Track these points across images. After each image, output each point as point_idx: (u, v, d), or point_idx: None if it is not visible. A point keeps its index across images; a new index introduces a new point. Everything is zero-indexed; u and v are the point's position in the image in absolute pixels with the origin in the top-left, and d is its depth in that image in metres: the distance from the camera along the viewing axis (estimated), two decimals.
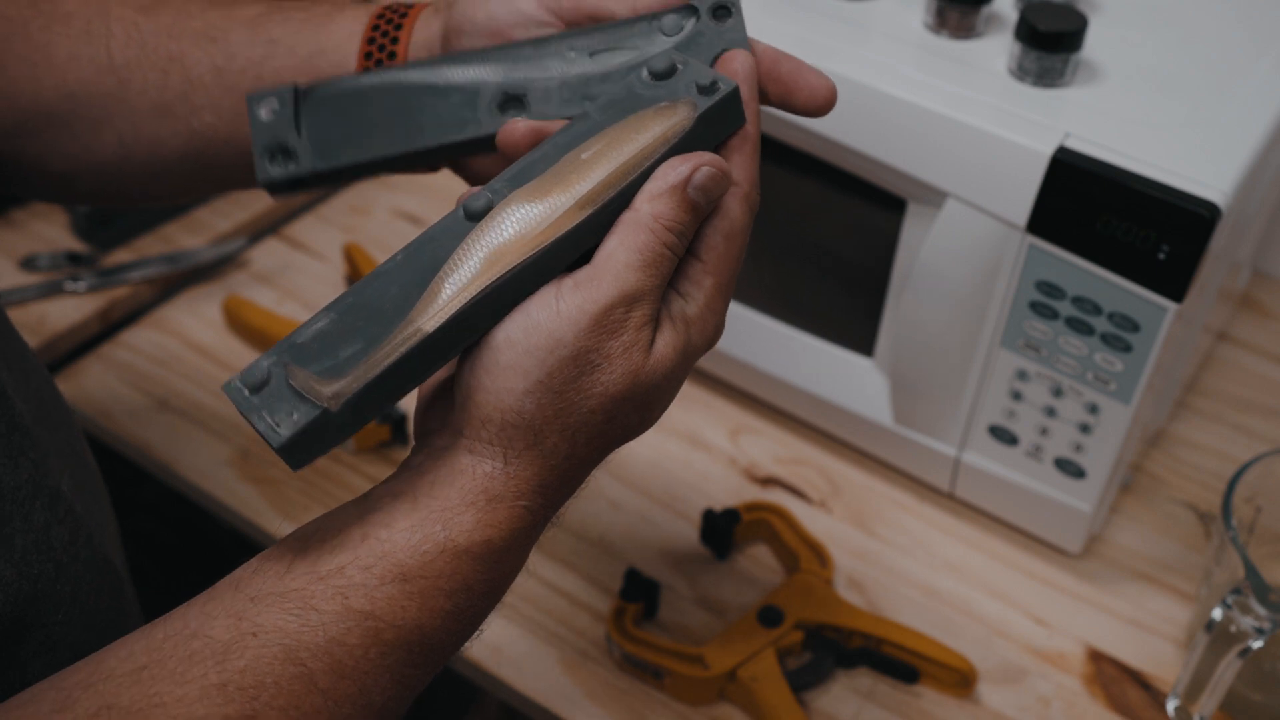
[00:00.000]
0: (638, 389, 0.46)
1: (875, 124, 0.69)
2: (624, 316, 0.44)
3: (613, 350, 0.45)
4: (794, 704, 0.67)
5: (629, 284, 0.44)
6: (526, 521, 0.46)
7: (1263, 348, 0.93)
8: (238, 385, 0.43)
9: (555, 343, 0.44)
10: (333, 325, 0.44)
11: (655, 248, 0.45)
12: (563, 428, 0.45)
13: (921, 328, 0.73)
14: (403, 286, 0.44)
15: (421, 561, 0.44)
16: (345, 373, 0.42)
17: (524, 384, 0.44)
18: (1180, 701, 0.68)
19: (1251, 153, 0.65)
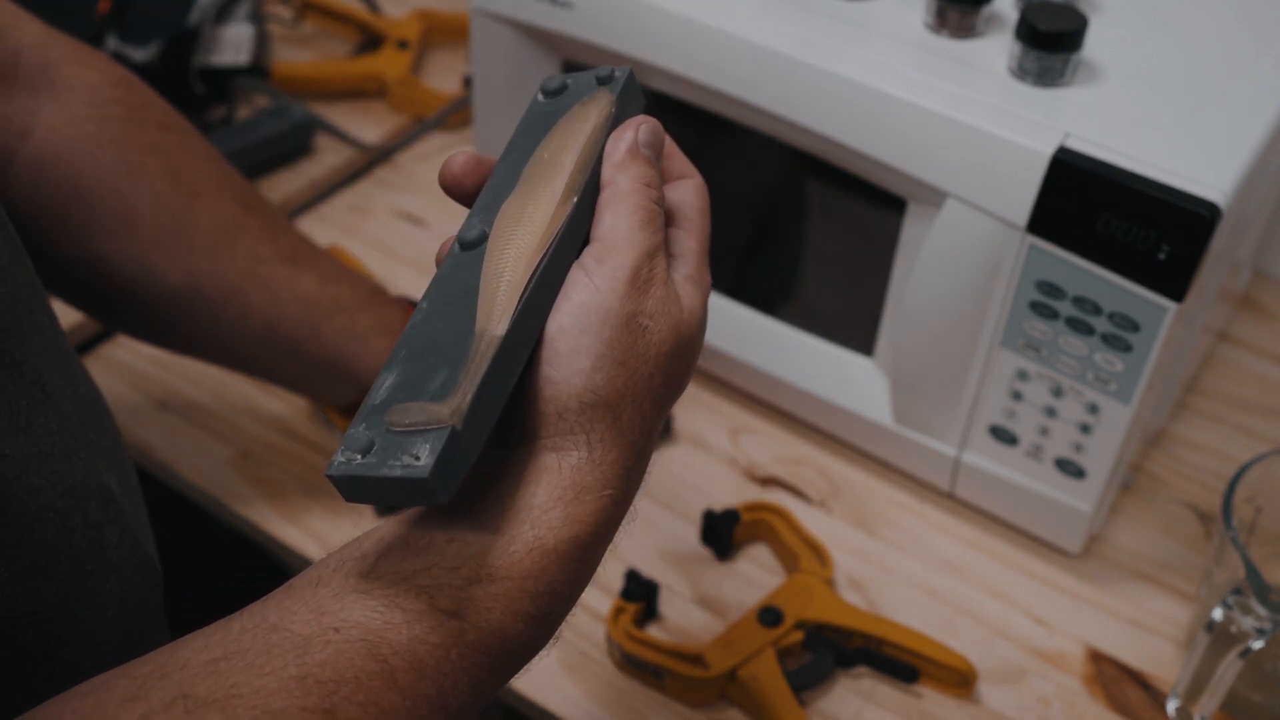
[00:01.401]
0: (680, 341, 0.47)
1: (875, 124, 0.69)
2: (650, 272, 0.47)
3: (654, 308, 0.46)
4: (794, 704, 0.67)
5: (642, 241, 0.47)
6: (611, 513, 0.46)
7: (1263, 348, 0.93)
8: (345, 459, 0.42)
9: (606, 313, 0.45)
10: (403, 376, 0.44)
11: (646, 205, 0.47)
12: (634, 397, 0.46)
13: (921, 328, 0.73)
14: (448, 320, 0.45)
15: (509, 562, 0.44)
16: (447, 396, 0.42)
17: (590, 361, 0.45)
18: (1180, 702, 0.68)
19: (1252, 152, 0.65)
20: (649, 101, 0.78)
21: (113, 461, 0.57)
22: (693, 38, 0.72)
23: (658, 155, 0.50)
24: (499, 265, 0.46)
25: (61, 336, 0.57)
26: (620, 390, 0.46)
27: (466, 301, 0.45)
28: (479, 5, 0.82)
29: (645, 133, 0.50)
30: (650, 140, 0.50)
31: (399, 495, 0.41)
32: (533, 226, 0.47)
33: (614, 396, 0.46)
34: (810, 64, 0.69)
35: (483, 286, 0.45)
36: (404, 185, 1.04)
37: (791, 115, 0.71)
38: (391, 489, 0.41)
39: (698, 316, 0.49)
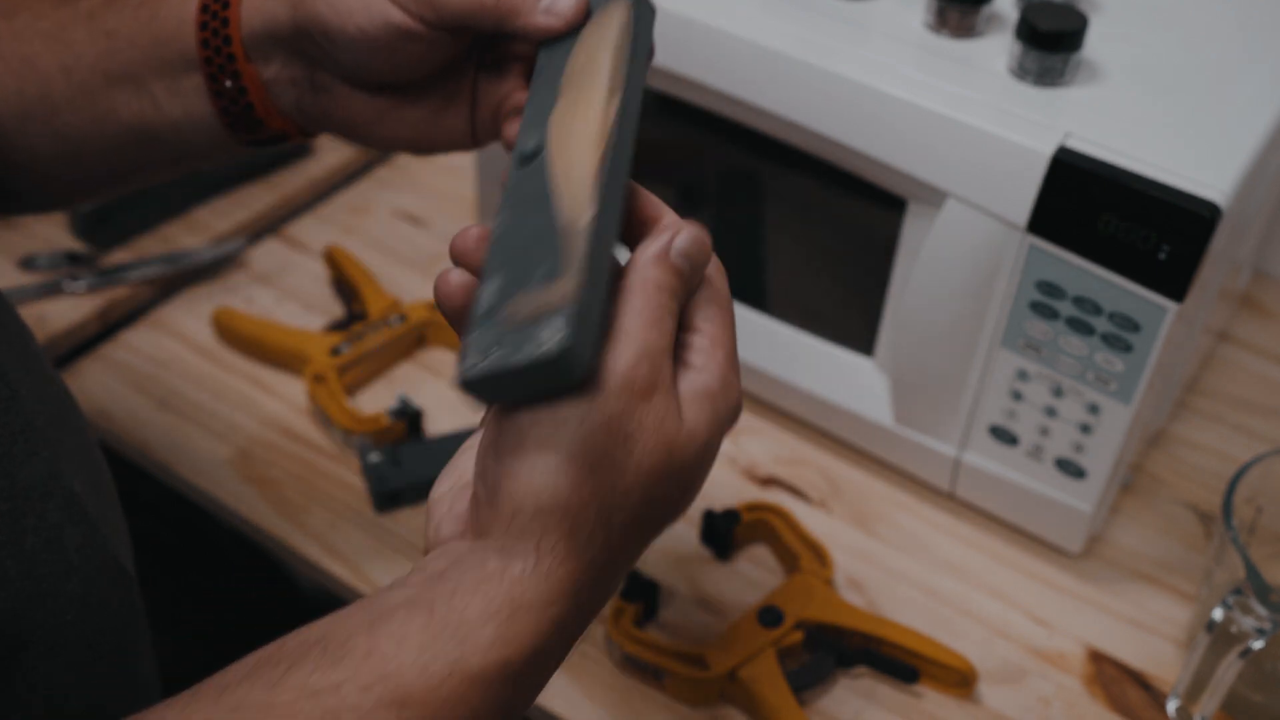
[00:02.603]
0: (674, 463, 0.42)
1: (875, 124, 0.69)
2: (650, 376, 0.42)
3: (645, 417, 0.42)
4: (794, 704, 0.67)
5: (644, 341, 0.42)
6: (551, 637, 0.42)
7: (1263, 348, 0.93)
8: (473, 362, 0.40)
9: (585, 409, 0.41)
10: (503, 281, 0.42)
11: (655, 305, 0.43)
12: (600, 510, 0.41)
13: (922, 328, 0.73)
14: (530, 225, 0.44)
15: (426, 686, 0.40)
16: (556, 280, 0.41)
17: (555, 458, 0.41)
18: (1181, 702, 0.68)
19: (1252, 152, 0.65)
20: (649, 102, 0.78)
21: (80, 463, 0.56)
22: (693, 38, 0.72)
23: (690, 266, 0.45)
24: (567, 162, 0.45)
25: (28, 335, 0.57)
26: (585, 499, 0.41)
27: (542, 205, 0.44)
28: None
29: (684, 241, 0.45)
30: (687, 250, 0.45)
31: (535, 384, 0.40)
32: (589, 122, 0.46)
33: (577, 505, 0.41)
34: (810, 64, 0.69)
35: (556, 186, 0.44)
36: (404, 185, 1.04)
37: (791, 115, 0.71)
38: (527, 379, 0.40)
39: (699, 438, 0.43)
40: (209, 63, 0.58)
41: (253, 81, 0.58)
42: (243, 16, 0.58)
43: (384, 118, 0.59)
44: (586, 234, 0.42)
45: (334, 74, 0.58)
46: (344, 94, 0.58)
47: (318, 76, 0.58)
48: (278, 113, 0.60)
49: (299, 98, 0.59)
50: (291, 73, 0.58)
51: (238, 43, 0.57)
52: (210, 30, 0.58)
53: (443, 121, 0.60)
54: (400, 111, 0.59)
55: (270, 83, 0.58)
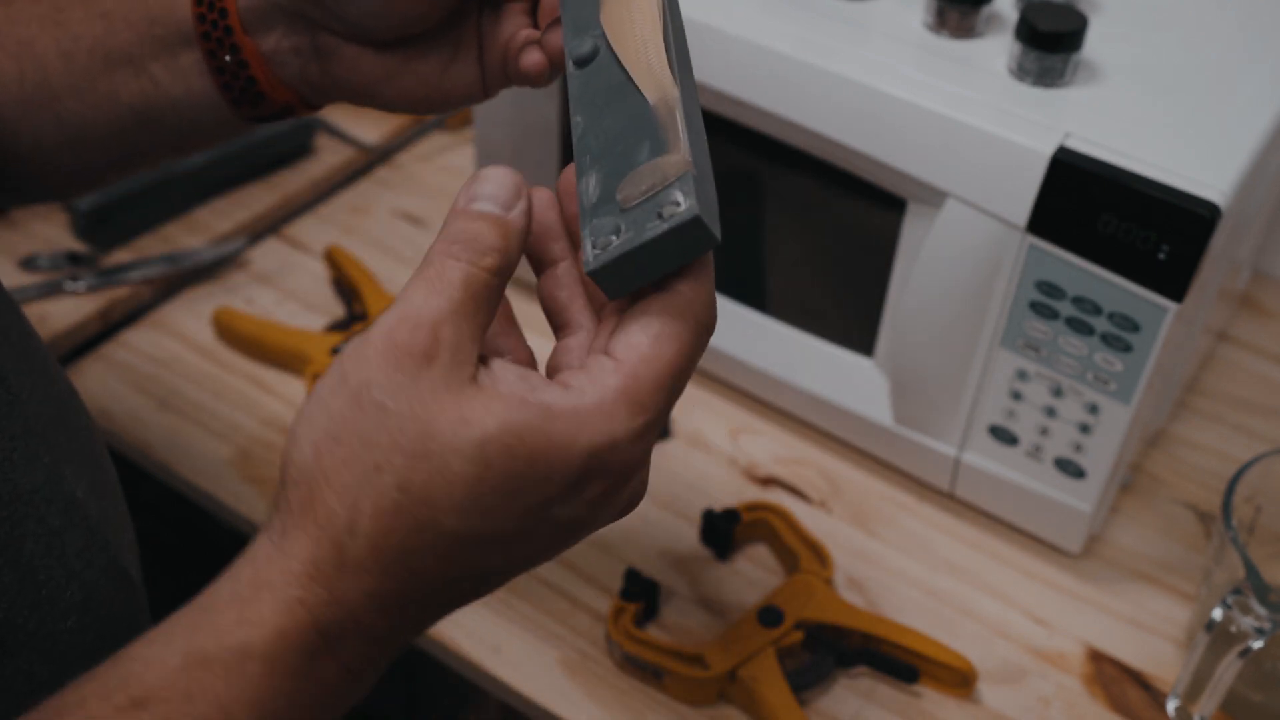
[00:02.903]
0: (433, 449, 0.37)
1: (875, 124, 0.69)
2: (416, 343, 0.38)
3: (405, 391, 0.37)
4: (794, 704, 0.67)
5: (411, 304, 0.39)
6: (302, 622, 0.37)
7: (1263, 348, 0.93)
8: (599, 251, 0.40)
9: (340, 377, 0.38)
10: (603, 171, 0.42)
11: (441, 264, 0.40)
12: (341, 487, 0.37)
13: (921, 328, 0.73)
14: (613, 116, 0.43)
15: (162, 679, 0.36)
16: (663, 154, 0.40)
17: (307, 424, 0.38)
18: (1180, 702, 0.68)
19: (1252, 152, 0.65)
20: None
21: (83, 465, 0.55)
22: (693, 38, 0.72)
23: (500, 206, 0.41)
24: (635, 48, 0.44)
25: (32, 336, 0.56)
26: (326, 470, 0.37)
27: (620, 94, 0.43)
28: None
29: (482, 183, 0.41)
30: (484, 192, 0.41)
31: (671, 255, 0.39)
32: (644, 9, 0.45)
33: (318, 475, 0.38)
34: (810, 64, 0.69)
35: (631, 70, 0.44)
36: (404, 185, 1.04)
37: (791, 115, 0.71)
38: (662, 252, 0.39)
39: (475, 433, 0.37)
40: (206, 38, 0.56)
41: (253, 54, 0.56)
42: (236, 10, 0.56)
43: (393, 76, 0.57)
44: (679, 105, 0.42)
45: (339, 35, 0.55)
46: (350, 56, 0.56)
47: (321, 41, 0.56)
48: (282, 84, 0.58)
49: (303, 67, 0.57)
50: (294, 41, 0.56)
51: (234, 14, 0.55)
52: (205, 4, 0.55)
53: (452, 74, 0.57)
54: (409, 67, 0.57)
55: (272, 54, 0.56)
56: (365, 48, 0.56)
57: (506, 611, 0.73)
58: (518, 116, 0.84)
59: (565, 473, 0.39)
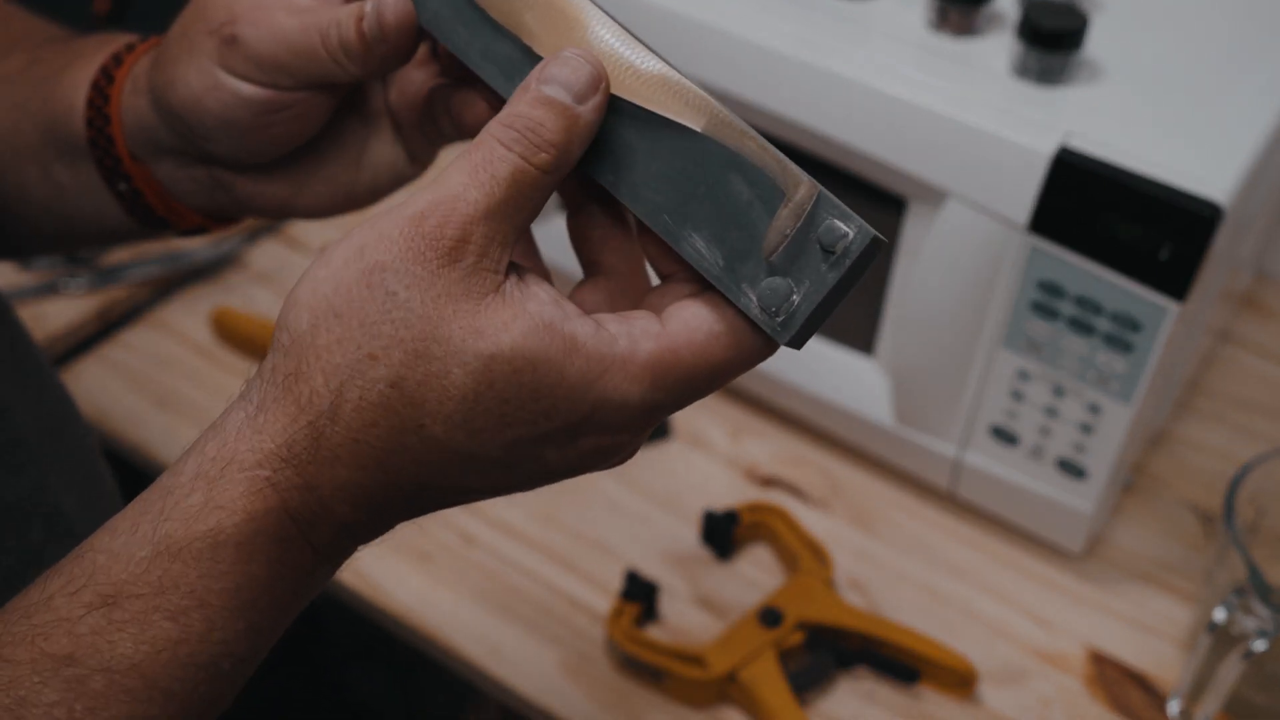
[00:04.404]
0: (436, 353, 0.35)
1: (875, 124, 0.68)
2: (435, 230, 0.35)
3: (417, 276, 0.35)
4: (794, 705, 0.67)
5: (446, 189, 0.36)
6: (272, 504, 0.35)
7: (1265, 348, 0.93)
8: (783, 318, 0.37)
9: (357, 249, 0.35)
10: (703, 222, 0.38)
11: (490, 150, 0.36)
12: (331, 368, 0.35)
13: (922, 327, 0.73)
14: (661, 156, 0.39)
15: (132, 573, 0.34)
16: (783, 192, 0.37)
17: (309, 294, 0.36)
18: (1182, 703, 0.68)
19: (1253, 152, 0.65)
20: None
21: (73, 477, 0.53)
22: (693, 38, 0.72)
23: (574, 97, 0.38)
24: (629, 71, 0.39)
25: (24, 347, 0.55)
26: (320, 348, 0.35)
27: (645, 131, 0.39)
28: None
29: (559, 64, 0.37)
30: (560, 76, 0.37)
31: (849, 284, 0.37)
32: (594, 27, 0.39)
33: (308, 350, 0.35)
34: (810, 64, 0.69)
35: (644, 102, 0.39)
36: None
37: (791, 115, 0.71)
38: (842, 288, 0.37)
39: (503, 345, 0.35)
40: (100, 163, 0.50)
41: (146, 183, 0.50)
42: (120, 115, 0.49)
43: (303, 189, 0.50)
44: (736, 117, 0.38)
45: (225, 166, 0.49)
46: (249, 182, 0.49)
47: (217, 174, 0.49)
48: (187, 210, 0.51)
49: (209, 195, 0.50)
50: (189, 172, 0.49)
51: (120, 145, 0.49)
52: (95, 128, 0.49)
53: (370, 163, 0.50)
54: (319, 175, 0.50)
55: (170, 182, 0.50)
56: (259, 173, 0.49)
57: (506, 612, 0.73)
58: None
59: (567, 414, 0.36)
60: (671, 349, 0.37)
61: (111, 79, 0.49)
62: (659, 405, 0.38)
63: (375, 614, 0.75)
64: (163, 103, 0.46)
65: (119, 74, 0.49)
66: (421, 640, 0.73)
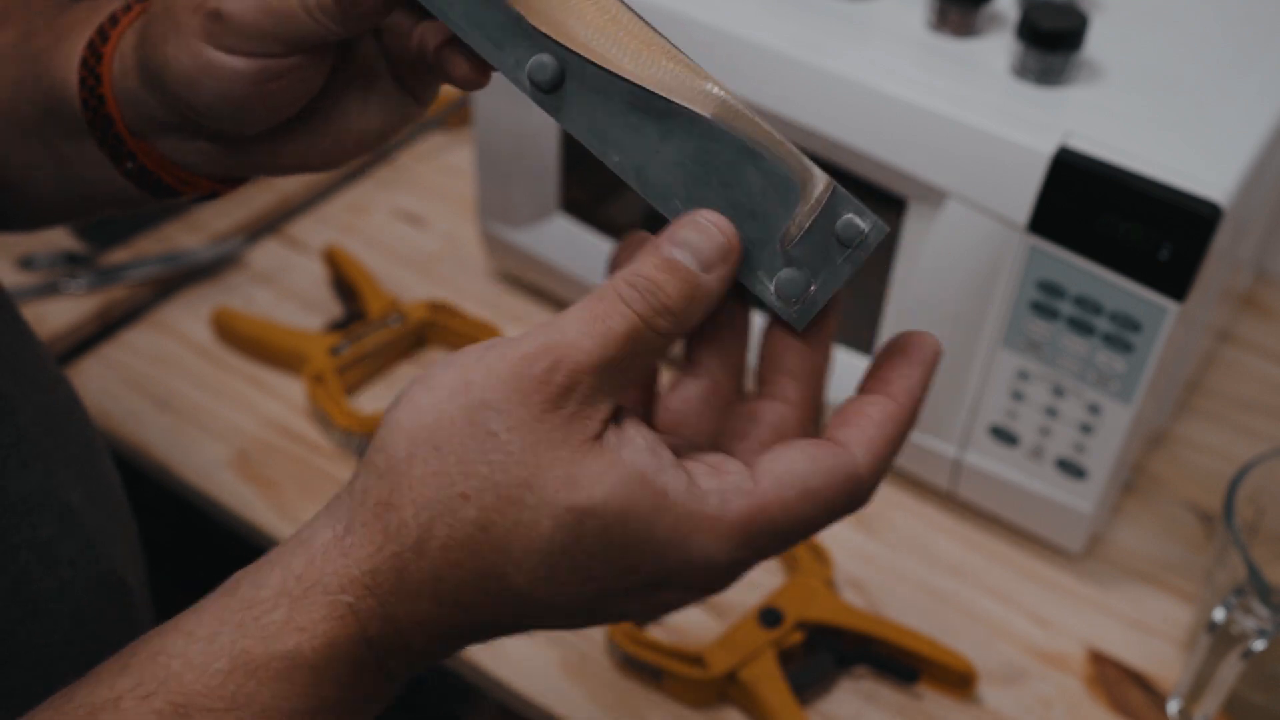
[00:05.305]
0: (529, 501, 0.34)
1: (875, 124, 0.68)
2: (544, 375, 0.35)
3: (520, 420, 0.34)
4: (794, 705, 0.67)
5: (560, 335, 0.35)
6: (352, 632, 0.35)
7: (1265, 348, 0.93)
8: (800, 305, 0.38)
9: (464, 382, 0.35)
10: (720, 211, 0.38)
11: (611, 305, 0.36)
12: (423, 501, 0.35)
13: (922, 328, 0.72)
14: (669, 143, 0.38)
15: (207, 685, 0.34)
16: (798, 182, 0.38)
17: (411, 421, 0.35)
18: (1182, 703, 0.68)
19: (1253, 152, 0.65)
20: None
21: (79, 474, 0.54)
22: (693, 38, 0.72)
23: (701, 265, 0.37)
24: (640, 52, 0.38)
25: (29, 342, 0.55)
26: (414, 480, 0.35)
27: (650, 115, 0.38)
28: None
29: (691, 229, 0.37)
30: (691, 241, 0.37)
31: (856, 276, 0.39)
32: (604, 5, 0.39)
33: (403, 483, 0.35)
34: (810, 64, 0.69)
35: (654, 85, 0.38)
36: (403, 185, 1.04)
37: (791, 115, 0.71)
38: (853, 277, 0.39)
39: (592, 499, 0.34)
40: (102, 143, 0.49)
41: (152, 158, 0.49)
42: (115, 95, 0.47)
43: (313, 146, 0.49)
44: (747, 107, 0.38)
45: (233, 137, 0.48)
46: (258, 144, 0.48)
47: (223, 143, 0.48)
48: (199, 178, 0.50)
49: (220, 161, 0.49)
50: (195, 144, 0.48)
51: (120, 125, 0.48)
52: (91, 109, 0.48)
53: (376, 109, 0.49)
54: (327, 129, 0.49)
55: (175, 155, 0.49)
56: (266, 137, 0.48)
57: None
58: (518, 114, 0.84)
59: (652, 571, 0.36)
60: (763, 508, 0.37)
61: (100, 56, 0.48)
62: (745, 561, 0.37)
63: None
64: (156, 84, 0.45)
65: (106, 51, 0.47)
66: None
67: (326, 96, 0.48)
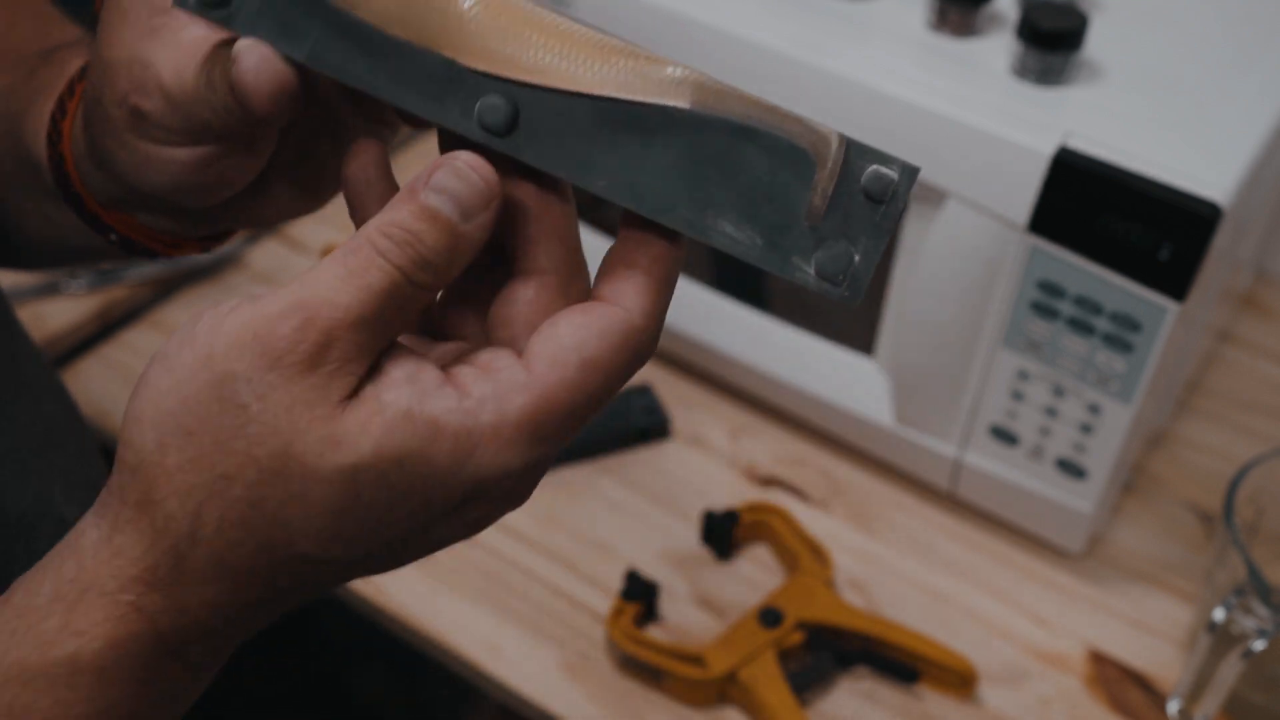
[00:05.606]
0: (293, 471, 0.32)
1: (875, 124, 0.68)
2: (295, 335, 0.32)
3: (271, 386, 0.32)
4: (794, 705, 0.67)
5: (313, 291, 0.33)
6: (138, 629, 0.33)
7: (1265, 348, 0.93)
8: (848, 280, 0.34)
9: (205, 355, 0.32)
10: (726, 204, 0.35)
11: (367, 258, 0.33)
12: (186, 488, 0.32)
13: (922, 327, 0.73)
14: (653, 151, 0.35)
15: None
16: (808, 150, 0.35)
17: (154, 409, 0.33)
18: (1182, 703, 0.68)
19: (1253, 152, 0.65)
20: None
21: (77, 487, 0.52)
22: (693, 37, 0.72)
23: (459, 213, 0.34)
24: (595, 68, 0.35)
25: (24, 353, 0.53)
26: (170, 469, 0.32)
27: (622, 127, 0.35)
28: None
29: (445, 174, 0.34)
30: (447, 185, 0.34)
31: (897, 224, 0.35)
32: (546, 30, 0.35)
33: (159, 472, 0.33)
34: (810, 64, 0.69)
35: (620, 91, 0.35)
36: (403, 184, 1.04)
37: None
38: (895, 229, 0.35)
39: (361, 452, 0.32)
40: (79, 215, 0.46)
41: (133, 229, 0.46)
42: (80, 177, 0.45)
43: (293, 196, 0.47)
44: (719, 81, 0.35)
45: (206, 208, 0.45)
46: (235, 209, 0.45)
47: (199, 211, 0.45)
48: (182, 241, 0.48)
49: (201, 226, 0.47)
50: (172, 215, 0.46)
51: (92, 203, 0.46)
52: (62, 186, 0.46)
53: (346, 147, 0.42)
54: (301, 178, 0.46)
55: (154, 225, 0.46)
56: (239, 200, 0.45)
57: (506, 611, 0.73)
58: None
59: (445, 499, 0.34)
60: (544, 396, 0.34)
61: (60, 133, 0.46)
62: (544, 456, 0.35)
63: (375, 614, 0.75)
64: (109, 171, 0.43)
65: (65, 128, 0.45)
66: (421, 640, 0.73)
67: (293, 149, 0.45)
